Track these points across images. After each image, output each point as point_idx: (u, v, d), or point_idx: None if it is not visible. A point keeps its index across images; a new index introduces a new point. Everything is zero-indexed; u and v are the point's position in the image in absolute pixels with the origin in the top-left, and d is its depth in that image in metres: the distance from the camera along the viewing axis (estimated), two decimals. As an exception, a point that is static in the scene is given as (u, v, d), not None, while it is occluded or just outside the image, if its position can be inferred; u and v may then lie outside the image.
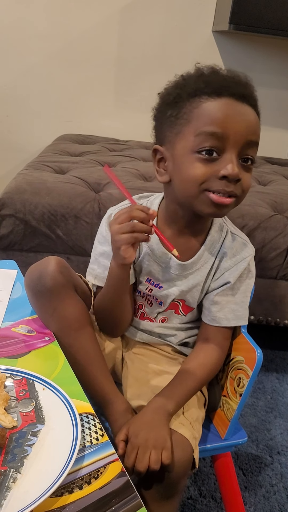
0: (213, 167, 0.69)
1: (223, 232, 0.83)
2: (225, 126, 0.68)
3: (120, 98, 2.35)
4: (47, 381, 0.62)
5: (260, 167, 2.10)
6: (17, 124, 2.35)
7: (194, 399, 0.80)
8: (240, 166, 0.70)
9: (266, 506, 1.08)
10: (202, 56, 2.24)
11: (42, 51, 2.24)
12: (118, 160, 1.81)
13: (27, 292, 0.77)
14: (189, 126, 0.70)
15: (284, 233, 1.40)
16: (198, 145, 0.69)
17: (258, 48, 2.29)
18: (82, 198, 1.37)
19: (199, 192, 0.71)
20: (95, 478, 0.51)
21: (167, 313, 0.86)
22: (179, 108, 0.72)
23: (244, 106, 0.70)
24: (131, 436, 0.69)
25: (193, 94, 0.70)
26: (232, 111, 0.69)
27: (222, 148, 0.69)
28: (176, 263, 0.81)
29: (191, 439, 0.71)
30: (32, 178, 1.45)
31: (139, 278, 0.85)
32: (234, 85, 0.70)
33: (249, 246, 0.83)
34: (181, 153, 0.72)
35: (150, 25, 2.23)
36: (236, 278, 0.80)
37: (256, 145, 0.71)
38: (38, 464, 0.51)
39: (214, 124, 0.68)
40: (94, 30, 2.22)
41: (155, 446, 0.67)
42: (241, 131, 0.68)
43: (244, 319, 0.82)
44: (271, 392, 1.48)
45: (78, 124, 2.37)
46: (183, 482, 0.72)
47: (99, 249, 0.84)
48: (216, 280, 0.82)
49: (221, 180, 0.69)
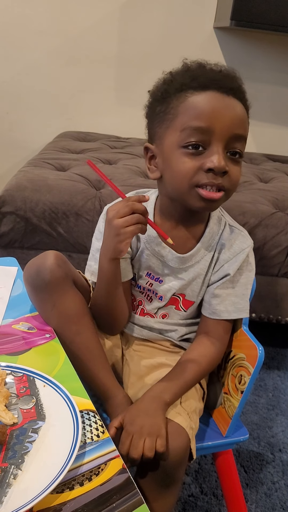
0: (200, 160, 0.69)
1: (221, 225, 0.83)
2: (210, 120, 0.68)
3: (121, 95, 2.34)
4: (47, 378, 0.62)
5: (262, 164, 2.09)
6: (18, 122, 2.35)
7: (193, 391, 0.80)
8: (228, 159, 0.70)
9: (268, 503, 1.08)
10: (203, 52, 2.23)
11: (42, 48, 2.23)
12: (119, 157, 1.80)
13: (26, 287, 0.77)
14: (175, 121, 0.71)
15: (285, 231, 1.39)
16: (184, 140, 0.70)
17: (260, 44, 2.28)
18: (83, 196, 1.37)
19: (189, 188, 0.72)
20: (96, 474, 0.51)
21: (168, 309, 0.86)
22: (167, 104, 0.72)
23: (230, 100, 0.69)
24: (126, 423, 0.69)
25: (180, 89, 0.71)
26: (218, 104, 0.68)
27: (208, 141, 0.69)
28: (175, 256, 0.81)
29: (188, 429, 0.71)
30: (32, 175, 1.44)
31: (139, 273, 0.86)
32: (220, 79, 0.70)
33: (247, 237, 0.82)
34: (169, 149, 0.72)
35: (151, 21, 2.23)
36: (235, 270, 0.80)
37: (243, 139, 0.71)
38: (38, 460, 0.51)
39: (199, 118, 0.68)
40: (95, 26, 2.22)
41: (149, 433, 0.67)
42: (227, 125, 0.68)
43: (245, 311, 0.82)
44: (273, 389, 1.48)
45: (79, 121, 2.36)
46: (180, 471, 0.72)
47: (97, 245, 0.84)
48: (216, 273, 0.82)
49: (208, 173, 0.69)
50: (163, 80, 0.75)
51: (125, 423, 0.69)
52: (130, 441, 0.67)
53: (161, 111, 0.73)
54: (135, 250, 0.84)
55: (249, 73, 2.33)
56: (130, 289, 0.88)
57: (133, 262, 0.85)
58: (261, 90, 2.36)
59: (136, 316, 0.88)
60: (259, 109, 2.40)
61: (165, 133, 0.73)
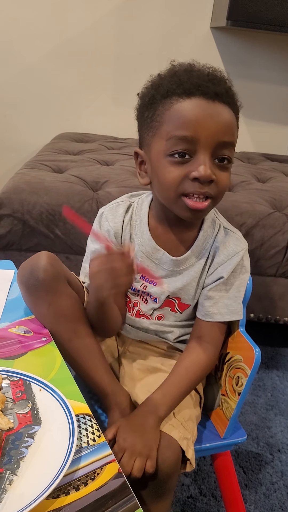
0: (186, 169, 0.69)
1: (215, 227, 0.82)
2: (195, 128, 0.67)
3: (118, 95, 2.34)
4: (43, 382, 0.62)
5: (259, 164, 2.09)
6: (15, 124, 2.35)
7: (188, 398, 0.80)
8: (216, 166, 0.69)
9: (267, 504, 1.08)
10: (200, 52, 2.25)
11: (39, 49, 2.23)
12: (116, 158, 1.80)
13: (21, 289, 0.77)
14: (161, 129, 0.70)
15: (283, 231, 1.39)
16: (170, 149, 0.69)
17: (257, 44, 2.28)
18: (80, 197, 1.37)
19: (176, 197, 0.71)
20: (91, 479, 0.51)
21: (163, 311, 0.86)
22: (154, 110, 0.71)
23: (216, 106, 0.68)
24: (119, 438, 0.69)
25: (165, 95, 0.70)
26: (202, 112, 0.67)
27: (194, 150, 0.68)
28: (169, 259, 0.81)
29: (181, 440, 0.71)
30: (30, 177, 1.44)
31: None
32: (206, 84, 0.68)
33: (241, 240, 0.82)
34: (156, 157, 0.72)
35: (147, 22, 2.23)
36: (229, 273, 0.79)
37: (231, 145, 0.70)
38: (34, 466, 0.51)
39: (184, 127, 0.67)
40: (92, 27, 2.22)
41: (140, 454, 0.67)
42: (211, 133, 0.67)
43: (238, 313, 0.81)
44: (272, 389, 1.48)
45: (76, 122, 2.36)
46: (171, 482, 0.72)
47: (91, 247, 0.85)
48: (210, 275, 0.82)
49: (194, 182, 0.69)
50: (151, 84, 0.74)
51: (118, 437, 0.69)
52: (120, 458, 0.67)
53: (148, 117, 0.73)
54: None
55: (246, 73, 2.33)
56: (125, 291, 0.88)
57: None
58: (258, 89, 2.36)
59: (132, 317, 0.88)
60: (257, 108, 2.40)
61: (152, 140, 0.72)
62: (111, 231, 0.82)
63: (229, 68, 2.28)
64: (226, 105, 0.69)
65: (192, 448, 0.74)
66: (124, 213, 0.83)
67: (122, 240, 0.83)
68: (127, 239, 0.83)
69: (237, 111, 0.72)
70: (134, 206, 0.84)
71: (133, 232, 0.83)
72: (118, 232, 0.83)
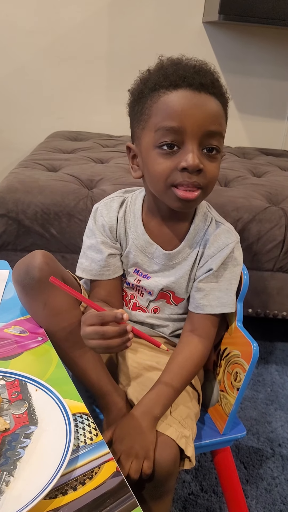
0: (175, 160, 0.70)
1: (207, 221, 0.82)
2: (181, 119, 0.68)
3: (112, 93, 2.33)
4: (39, 382, 0.61)
5: (255, 158, 2.09)
6: (8, 123, 2.33)
7: (184, 395, 0.79)
8: (204, 156, 0.70)
9: (268, 498, 1.08)
10: (193, 47, 2.24)
11: (31, 47, 2.22)
12: (111, 156, 1.80)
13: (16, 288, 0.77)
14: (150, 121, 0.71)
15: (279, 225, 1.39)
16: (158, 140, 0.70)
17: (250, 38, 2.27)
18: (74, 196, 1.36)
19: (166, 188, 0.72)
20: (89, 478, 0.51)
21: (159, 303, 0.86)
22: (143, 104, 0.73)
23: (202, 96, 0.68)
24: (115, 440, 0.69)
25: (153, 89, 0.71)
26: (188, 102, 0.68)
27: (182, 140, 0.69)
28: (162, 252, 0.82)
29: (179, 439, 0.71)
30: (24, 176, 1.44)
31: (127, 269, 0.86)
32: (192, 75, 0.69)
33: (232, 233, 0.82)
34: (146, 149, 0.73)
35: (139, 18, 2.21)
36: (218, 265, 0.79)
37: (218, 135, 0.70)
38: (31, 466, 0.51)
39: (171, 118, 0.68)
40: (83, 24, 2.20)
41: (137, 456, 0.67)
42: (198, 123, 0.68)
43: (228, 306, 0.81)
44: (271, 384, 1.48)
45: (70, 120, 2.35)
46: (170, 482, 0.72)
47: (87, 242, 0.85)
48: (200, 268, 0.82)
49: (183, 172, 0.69)
50: (140, 79, 0.75)
51: (115, 439, 0.69)
52: (117, 460, 0.67)
53: (138, 111, 0.74)
54: (124, 246, 0.84)
55: (240, 67, 2.32)
56: (121, 285, 0.87)
57: (122, 259, 0.85)
58: (252, 84, 2.36)
59: (128, 310, 0.88)
60: (251, 103, 2.39)
61: (142, 133, 0.73)
62: (106, 226, 0.83)
63: (222, 63, 2.27)
64: (212, 95, 0.69)
65: (192, 446, 0.73)
66: (118, 208, 0.84)
67: (117, 234, 0.83)
68: (121, 233, 0.83)
69: (225, 102, 0.73)
70: (128, 201, 0.85)
71: (127, 226, 0.83)
72: (112, 227, 0.83)
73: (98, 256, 0.83)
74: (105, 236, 0.83)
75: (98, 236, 0.83)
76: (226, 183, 1.64)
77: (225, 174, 1.68)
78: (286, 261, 1.42)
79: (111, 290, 0.85)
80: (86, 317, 0.66)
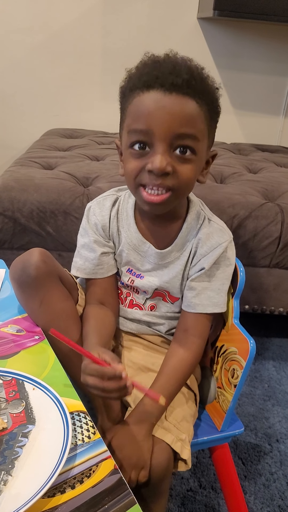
0: (143, 161, 0.69)
1: (200, 219, 0.82)
2: (147, 122, 0.67)
3: (107, 89, 2.32)
4: (37, 380, 0.61)
5: (250, 154, 2.09)
6: (3, 121, 2.32)
7: (179, 397, 0.79)
8: (176, 158, 0.68)
9: (266, 494, 1.09)
10: (188, 44, 2.23)
11: (25, 44, 2.21)
12: (107, 153, 1.79)
13: (13, 285, 0.77)
14: (125, 122, 0.72)
15: (276, 221, 1.39)
16: (129, 141, 0.70)
17: (244, 33, 2.27)
18: (70, 194, 1.36)
19: (136, 187, 0.72)
20: (87, 476, 0.51)
21: (155, 300, 0.86)
22: (123, 104, 0.73)
23: (172, 97, 0.65)
24: (115, 449, 0.69)
25: (131, 89, 0.70)
26: (156, 105, 0.66)
27: (151, 142, 0.68)
28: (154, 251, 0.81)
29: (174, 443, 0.71)
30: (19, 175, 1.43)
31: (121, 268, 0.85)
32: (165, 75, 0.66)
33: (226, 232, 0.81)
34: (123, 148, 0.73)
35: (134, 14, 2.20)
36: (211, 264, 0.79)
37: (191, 137, 0.68)
38: (29, 465, 0.51)
39: (139, 120, 0.68)
40: (77, 21, 2.19)
41: (136, 466, 0.67)
42: (165, 125, 0.66)
43: (220, 306, 0.80)
44: (268, 380, 1.48)
45: (65, 118, 2.34)
46: (164, 485, 0.72)
47: (81, 241, 0.85)
48: (193, 267, 0.81)
49: (150, 174, 0.69)
50: (126, 77, 0.74)
51: (114, 447, 0.69)
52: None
53: (121, 111, 0.74)
54: (117, 245, 0.84)
55: (235, 63, 2.32)
56: (116, 283, 0.87)
57: (115, 257, 0.85)
58: (247, 80, 2.35)
59: (125, 308, 0.88)
60: (246, 99, 2.39)
61: (122, 133, 0.74)
62: (99, 225, 0.82)
63: (217, 59, 2.27)
64: (186, 96, 0.66)
65: (188, 448, 0.73)
66: (111, 206, 0.83)
67: (110, 233, 0.83)
68: (114, 232, 0.83)
69: (208, 101, 0.69)
70: (121, 199, 0.84)
71: (120, 225, 0.83)
72: (105, 225, 0.83)
73: (92, 255, 0.82)
74: (98, 235, 0.83)
75: (91, 234, 0.83)
76: (221, 179, 1.63)
77: (220, 171, 1.67)
78: (282, 257, 1.42)
79: (107, 288, 0.85)
80: (85, 366, 0.65)
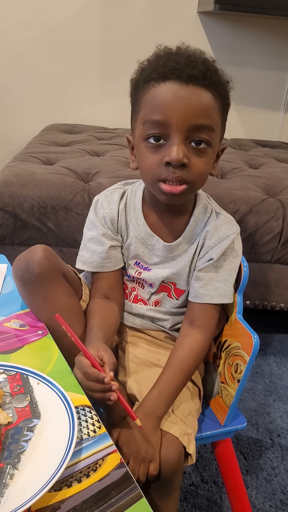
0: (160, 154, 0.69)
1: (207, 212, 0.82)
2: (165, 113, 0.67)
3: (106, 84, 2.31)
4: (41, 375, 0.61)
5: (251, 150, 2.08)
6: (2, 116, 2.31)
7: (186, 392, 0.79)
8: (191, 150, 0.69)
9: (268, 488, 1.09)
10: (188, 38, 2.18)
11: (24, 39, 2.19)
12: (107, 148, 1.78)
13: (16, 282, 0.76)
14: (140, 114, 0.71)
15: (277, 216, 1.39)
16: (145, 133, 0.70)
17: (245, 28, 2.26)
18: (71, 189, 1.35)
19: (154, 182, 0.72)
20: (93, 470, 0.51)
21: (160, 296, 0.86)
22: (137, 96, 0.72)
23: (189, 88, 0.66)
24: (122, 444, 0.69)
25: (145, 80, 0.70)
26: (173, 96, 0.66)
27: (167, 134, 0.68)
28: (162, 244, 0.81)
29: (182, 437, 0.71)
30: (19, 170, 1.42)
31: (128, 261, 0.85)
32: (181, 67, 0.67)
33: (233, 224, 0.82)
34: (137, 141, 0.73)
35: (133, 8, 2.19)
36: (219, 255, 0.79)
37: (207, 128, 0.68)
38: (35, 459, 0.50)
39: (156, 111, 0.68)
40: (77, 15, 2.18)
41: (144, 459, 0.67)
42: (183, 116, 0.66)
43: (227, 296, 0.81)
44: (270, 375, 1.48)
45: (65, 113, 2.33)
46: (176, 480, 0.72)
47: (88, 234, 0.84)
48: (201, 259, 0.82)
49: (167, 167, 0.69)
50: (138, 69, 0.74)
51: (121, 444, 0.69)
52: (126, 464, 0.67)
53: (134, 102, 0.74)
54: (124, 238, 0.84)
55: (235, 58, 2.31)
56: (122, 277, 0.87)
57: (123, 251, 0.85)
58: (247, 75, 2.34)
59: (129, 303, 0.88)
60: (246, 94, 2.38)
61: (135, 125, 0.74)
62: (107, 218, 0.82)
63: (217, 54, 2.26)
64: (202, 87, 0.67)
65: (194, 443, 0.73)
66: (119, 200, 0.83)
67: (118, 226, 0.83)
68: (122, 225, 0.83)
69: (222, 93, 0.70)
70: (128, 193, 0.84)
71: (128, 218, 0.83)
72: (114, 219, 0.82)
73: (99, 248, 0.82)
74: (106, 228, 0.82)
75: (99, 228, 0.82)
76: (222, 175, 1.63)
77: (221, 166, 1.67)
78: (284, 253, 1.42)
79: (113, 282, 0.84)
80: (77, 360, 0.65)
